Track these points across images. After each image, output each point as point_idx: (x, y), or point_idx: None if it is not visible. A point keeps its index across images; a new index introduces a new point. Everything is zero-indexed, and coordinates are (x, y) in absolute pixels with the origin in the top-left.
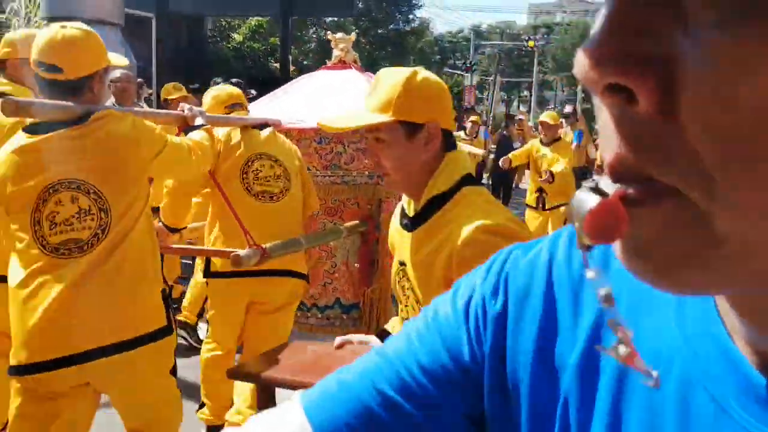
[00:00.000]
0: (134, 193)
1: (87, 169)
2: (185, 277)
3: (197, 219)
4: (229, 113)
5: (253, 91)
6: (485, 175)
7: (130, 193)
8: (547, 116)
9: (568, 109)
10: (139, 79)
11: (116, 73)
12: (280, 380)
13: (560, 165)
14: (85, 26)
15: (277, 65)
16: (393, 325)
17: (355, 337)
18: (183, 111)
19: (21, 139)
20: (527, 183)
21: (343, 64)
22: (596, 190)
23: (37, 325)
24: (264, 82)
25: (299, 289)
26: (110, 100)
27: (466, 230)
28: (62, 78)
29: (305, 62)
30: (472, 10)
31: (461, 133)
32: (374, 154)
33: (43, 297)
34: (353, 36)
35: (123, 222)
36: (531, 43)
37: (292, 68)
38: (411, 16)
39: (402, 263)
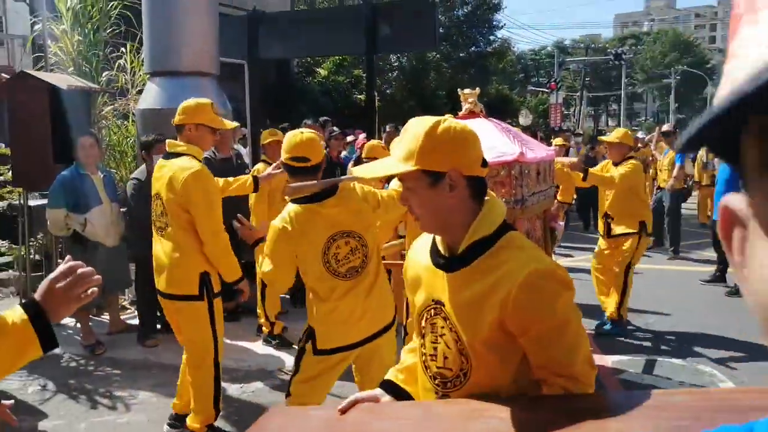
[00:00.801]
0: (372, 233)
1: (346, 222)
2: (284, 312)
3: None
4: None
5: (336, 129)
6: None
7: (371, 232)
8: (614, 134)
9: (666, 127)
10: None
11: None
12: None
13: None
14: (310, 131)
15: (362, 96)
16: (395, 374)
17: (362, 395)
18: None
19: (295, 208)
20: None
21: (473, 114)
22: None
23: (342, 324)
24: (350, 114)
25: None
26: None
27: (522, 274)
28: (308, 165)
29: (389, 90)
30: (554, 29)
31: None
32: (404, 199)
33: (345, 306)
34: (478, 90)
35: (374, 251)
36: (617, 55)
37: (377, 99)
38: (492, 38)
39: (437, 302)
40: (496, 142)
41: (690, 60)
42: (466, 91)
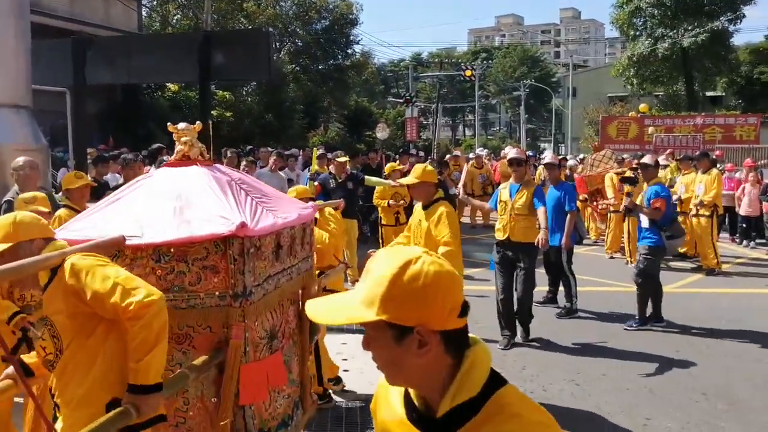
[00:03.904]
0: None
1: None
2: None
3: None
4: None
5: (166, 158)
6: None
7: None
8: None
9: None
10: None
11: None
12: None
13: None
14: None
15: (214, 112)
16: None
17: None
18: None
19: None
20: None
21: (186, 161)
22: None
23: None
24: (203, 130)
25: None
26: None
27: None
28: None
29: (247, 101)
30: (412, 46)
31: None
32: (366, 344)
33: None
34: (198, 125)
35: None
36: (468, 72)
37: (230, 115)
38: (350, 51)
39: None
40: (215, 207)
41: (537, 74)
42: (181, 126)
